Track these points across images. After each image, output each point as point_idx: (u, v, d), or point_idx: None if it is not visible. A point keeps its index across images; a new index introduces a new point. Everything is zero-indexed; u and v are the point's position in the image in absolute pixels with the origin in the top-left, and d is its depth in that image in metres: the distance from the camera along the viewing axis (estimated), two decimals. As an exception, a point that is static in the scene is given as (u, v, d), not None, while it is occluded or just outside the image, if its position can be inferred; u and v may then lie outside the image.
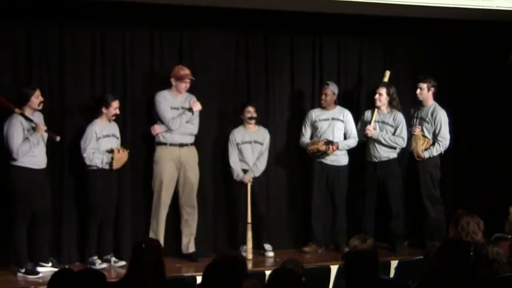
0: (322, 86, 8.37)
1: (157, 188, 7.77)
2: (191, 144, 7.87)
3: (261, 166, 8.11)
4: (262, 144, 8.10)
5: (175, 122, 7.70)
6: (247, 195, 7.96)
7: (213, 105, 8.24)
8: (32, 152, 7.09)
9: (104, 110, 7.45)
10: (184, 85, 7.75)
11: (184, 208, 7.86)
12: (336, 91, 8.29)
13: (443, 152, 8.32)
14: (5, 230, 7.28)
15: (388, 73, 8.37)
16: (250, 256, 7.82)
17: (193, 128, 7.86)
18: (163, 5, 7.55)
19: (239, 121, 8.15)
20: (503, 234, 6.23)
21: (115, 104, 7.47)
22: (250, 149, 8.07)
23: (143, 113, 7.96)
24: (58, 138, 7.30)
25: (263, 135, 8.14)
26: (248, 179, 7.98)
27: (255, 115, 8.05)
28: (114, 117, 7.53)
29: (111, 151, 7.41)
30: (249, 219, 7.91)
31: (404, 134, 8.24)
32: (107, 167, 7.40)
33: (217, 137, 8.30)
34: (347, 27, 8.56)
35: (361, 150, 8.36)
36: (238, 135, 8.08)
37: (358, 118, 8.43)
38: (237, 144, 8.06)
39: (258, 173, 8.07)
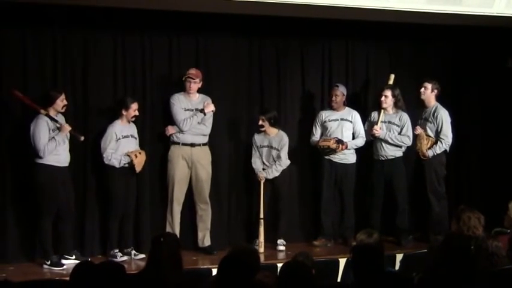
0: (332, 88, 8.32)
1: (170, 184, 7.77)
2: (203, 145, 7.82)
3: (276, 170, 8.01)
4: (278, 150, 8.02)
5: (185, 123, 7.67)
6: (260, 192, 7.95)
7: (228, 107, 8.22)
8: (56, 151, 7.11)
9: (123, 112, 7.46)
10: (188, 84, 7.70)
11: (198, 204, 7.85)
12: (345, 92, 8.26)
13: (448, 150, 8.25)
14: (31, 225, 7.30)
15: (392, 76, 8.33)
16: (262, 249, 7.79)
17: (205, 128, 7.81)
18: (180, 12, 7.54)
19: (252, 122, 8.15)
20: (502, 229, 6.17)
21: (134, 107, 7.47)
22: (267, 152, 8.04)
23: (161, 114, 7.94)
24: (82, 138, 7.33)
25: (279, 141, 8.04)
26: (261, 176, 7.96)
27: (263, 123, 7.97)
28: (133, 119, 7.53)
29: (128, 156, 7.40)
30: (261, 215, 7.88)
31: (410, 133, 8.21)
32: (126, 165, 7.40)
33: (231, 138, 8.28)
34: (354, 32, 8.53)
35: (368, 149, 8.32)
36: (258, 139, 8.09)
37: (365, 118, 8.39)
38: (257, 147, 8.07)
39: (276, 173, 8.01)
